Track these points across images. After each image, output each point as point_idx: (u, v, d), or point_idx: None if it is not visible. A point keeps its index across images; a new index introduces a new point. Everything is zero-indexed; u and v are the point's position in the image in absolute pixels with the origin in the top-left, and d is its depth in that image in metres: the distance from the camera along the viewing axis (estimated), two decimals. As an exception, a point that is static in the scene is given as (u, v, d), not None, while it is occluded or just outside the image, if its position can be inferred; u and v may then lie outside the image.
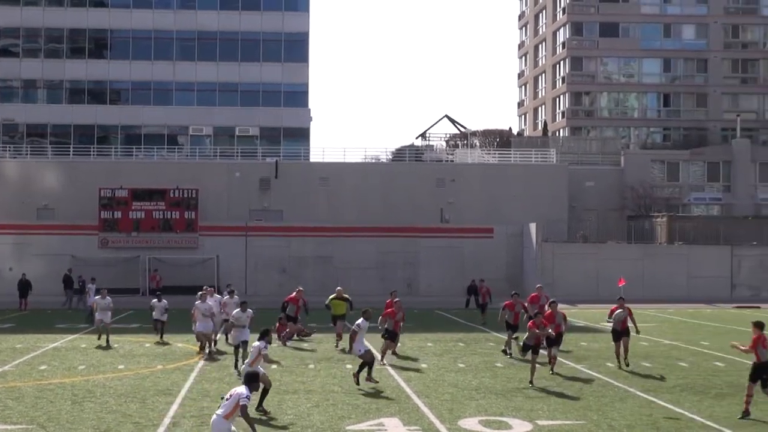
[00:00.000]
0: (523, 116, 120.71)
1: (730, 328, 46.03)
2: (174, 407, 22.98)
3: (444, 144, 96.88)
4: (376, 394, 25.07)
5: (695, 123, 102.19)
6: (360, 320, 27.59)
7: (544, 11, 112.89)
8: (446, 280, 69.26)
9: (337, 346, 35.39)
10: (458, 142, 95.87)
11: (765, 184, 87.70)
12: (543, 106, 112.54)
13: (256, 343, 22.65)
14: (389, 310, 32.00)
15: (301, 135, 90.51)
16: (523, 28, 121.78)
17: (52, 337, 39.92)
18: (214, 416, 16.06)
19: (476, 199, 75.51)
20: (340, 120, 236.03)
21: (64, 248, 68.20)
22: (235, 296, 36.84)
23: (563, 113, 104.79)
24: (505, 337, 34.39)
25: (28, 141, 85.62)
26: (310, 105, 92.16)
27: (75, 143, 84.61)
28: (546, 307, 32.75)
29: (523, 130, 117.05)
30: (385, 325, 31.40)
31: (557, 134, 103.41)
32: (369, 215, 73.72)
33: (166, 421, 21.37)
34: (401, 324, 32.61)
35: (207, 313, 32.80)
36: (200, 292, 34.49)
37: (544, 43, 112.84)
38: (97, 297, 33.68)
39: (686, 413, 22.44)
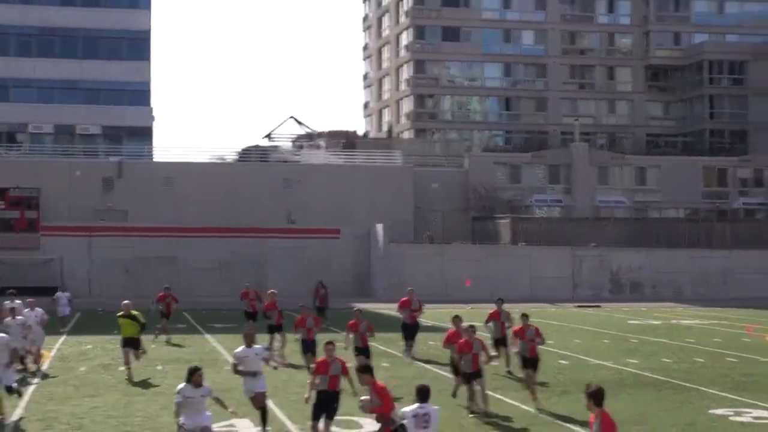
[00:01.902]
0: (368, 118, 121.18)
1: (573, 326, 47.44)
2: (18, 410, 22.69)
3: (290, 145, 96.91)
4: (227, 394, 25.09)
5: (536, 127, 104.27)
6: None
7: (387, 14, 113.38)
8: (294, 281, 69.32)
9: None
10: (304, 143, 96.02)
11: (603, 186, 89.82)
12: (388, 108, 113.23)
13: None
14: (351, 322, 28.37)
15: (144, 134, 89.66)
16: (367, 31, 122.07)
17: None
18: None
19: (323, 200, 75.87)
20: (185, 120, 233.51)
21: None
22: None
23: (407, 115, 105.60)
24: None
25: None
26: (153, 104, 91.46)
27: None
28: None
29: (369, 131, 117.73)
30: (353, 344, 28.09)
31: (402, 136, 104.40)
32: (215, 215, 73.41)
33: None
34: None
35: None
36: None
37: (388, 46, 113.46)
38: None
39: (531, 410, 23.15)
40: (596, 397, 12.99)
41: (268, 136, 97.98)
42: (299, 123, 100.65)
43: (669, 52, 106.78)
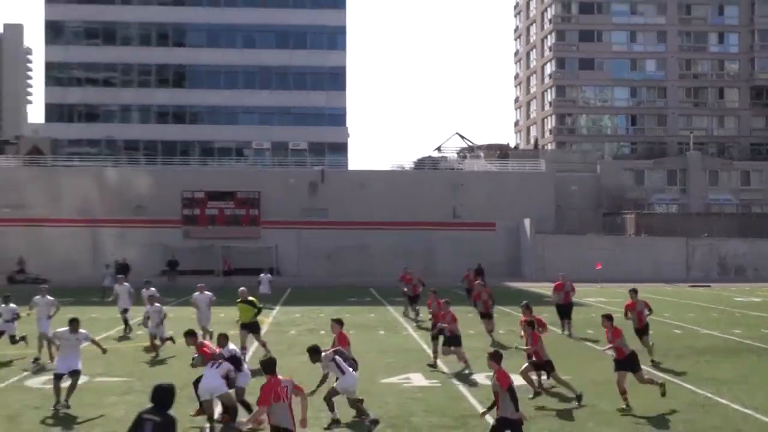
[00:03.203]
0: (518, 133, 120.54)
1: (686, 302, 46.03)
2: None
3: (455, 155, 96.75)
4: (404, 354, 25.16)
5: (657, 138, 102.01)
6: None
7: (535, 49, 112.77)
8: (457, 265, 69.16)
9: None
10: (466, 154, 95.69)
11: (713, 187, 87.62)
12: (534, 125, 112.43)
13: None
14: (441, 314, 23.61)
15: (341, 148, 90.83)
16: (518, 63, 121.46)
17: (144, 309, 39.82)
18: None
19: (481, 200, 75.39)
20: (373, 135, 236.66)
21: (154, 239, 68.78)
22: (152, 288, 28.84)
23: (550, 131, 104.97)
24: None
25: (125, 153, 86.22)
26: (349, 124, 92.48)
27: (162, 155, 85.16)
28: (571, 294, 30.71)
29: (519, 144, 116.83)
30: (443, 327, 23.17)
31: (546, 148, 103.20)
32: (396, 212, 73.83)
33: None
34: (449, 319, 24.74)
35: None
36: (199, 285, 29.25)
37: (535, 75, 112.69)
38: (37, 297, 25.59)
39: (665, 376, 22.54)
40: (495, 358, 13.78)
41: (438, 148, 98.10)
42: (462, 138, 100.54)
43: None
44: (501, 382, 13.36)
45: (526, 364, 18.98)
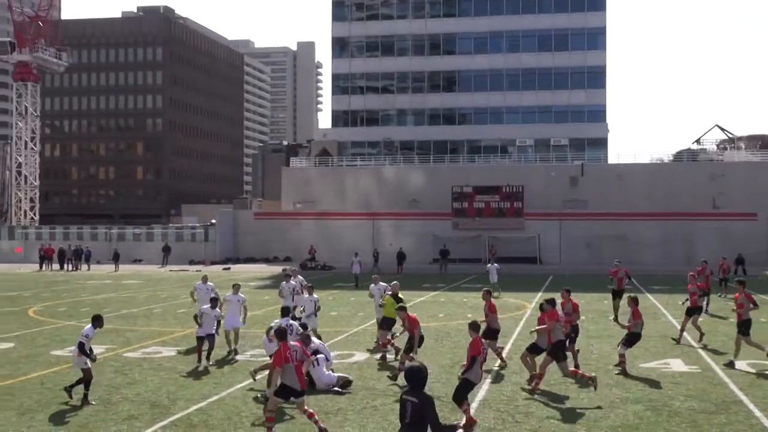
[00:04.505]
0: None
1: None
2: (509, 345, 23.00)
3: (714, 147, 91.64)
4: (662, 341, 24.09)
5: None
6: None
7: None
8: (717, 255, 65.28)
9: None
10: (726, 146, 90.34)
11: None
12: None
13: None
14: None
15: (601, 144, 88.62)
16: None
17: (418, 294, 40.40)
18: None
19: (742, 190, 71.00)
20: (632, 130, 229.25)
21: (427, 229, 70.15)
22: (292, 281, 25.12)
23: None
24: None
25: (401, 153, 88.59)
26: (608, 119, 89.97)
27: (434, 154, 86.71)
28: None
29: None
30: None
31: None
32: (654, 203, 71.17)
33: (503, 354, 21.35)
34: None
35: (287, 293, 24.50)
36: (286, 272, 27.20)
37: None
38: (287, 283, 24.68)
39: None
40: (474, 328, 14.07)
41: (697, 141, 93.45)
42: (722, 129, 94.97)
43: None
44: None
45: None
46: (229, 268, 62.40)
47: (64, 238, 74.89)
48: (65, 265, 65.25)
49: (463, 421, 13.35)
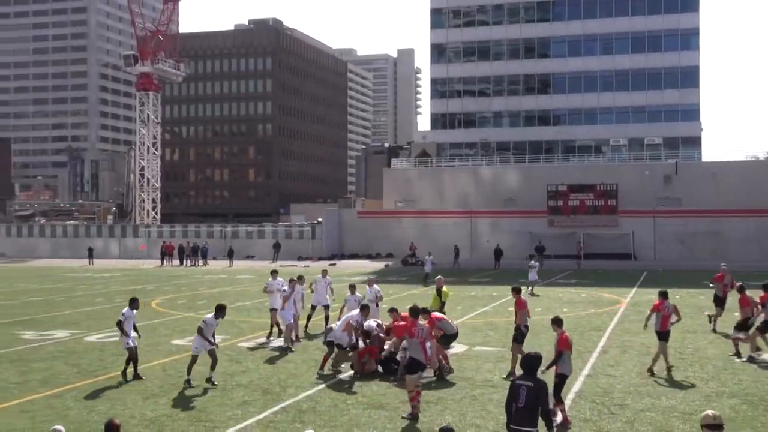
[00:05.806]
0: None
1: None
2: (603, 339, 22.60)
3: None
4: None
5: None
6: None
7: None
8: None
9: None
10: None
11: None
12: None
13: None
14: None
15: (694, 142, 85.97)
16: None
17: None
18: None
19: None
20: (727, 128, 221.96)
21: (523, 227, 69.43)
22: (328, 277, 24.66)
23: None
24: None
25: (497, 153, 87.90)
26: (702, 118, 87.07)
27: (529, 154, 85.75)
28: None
29: None
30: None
31: None
32: (748, 200, 68.60)
33: (598, 349, 20.95)
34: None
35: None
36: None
37: None
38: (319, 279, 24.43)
39: None
40: (557, 323, 14.14)
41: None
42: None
43: None
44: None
45: None
46: (334, 264, 63.10)
47: (183, 236, 77.00)
48: (184, 261, 67.18)
49: (559, 419, 13.04)
